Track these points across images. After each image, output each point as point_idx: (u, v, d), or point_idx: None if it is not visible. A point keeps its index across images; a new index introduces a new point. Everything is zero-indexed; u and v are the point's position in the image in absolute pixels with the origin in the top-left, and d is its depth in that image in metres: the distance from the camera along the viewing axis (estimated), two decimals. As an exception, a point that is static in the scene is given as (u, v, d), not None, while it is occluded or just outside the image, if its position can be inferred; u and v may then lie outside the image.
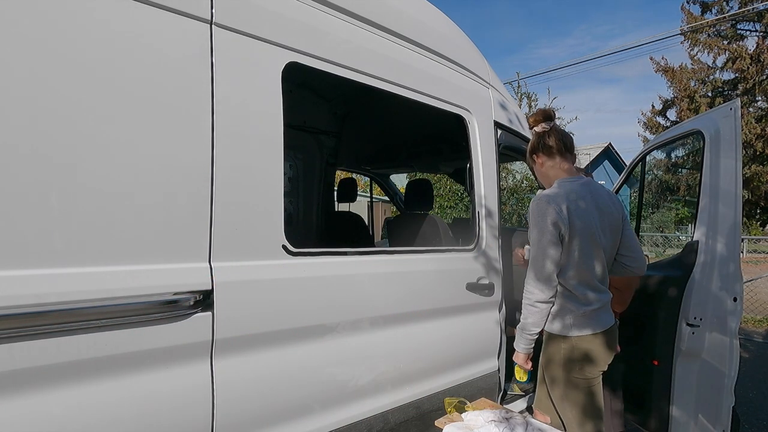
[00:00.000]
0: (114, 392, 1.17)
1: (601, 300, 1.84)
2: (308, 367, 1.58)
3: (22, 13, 1.05)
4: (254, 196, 1.45)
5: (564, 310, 1.84)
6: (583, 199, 1.82)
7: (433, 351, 2.07)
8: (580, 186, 1.87)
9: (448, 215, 11.50)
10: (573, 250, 1.78)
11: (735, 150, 2.09)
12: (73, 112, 1.11)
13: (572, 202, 1.79)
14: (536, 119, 2.01)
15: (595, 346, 1.82)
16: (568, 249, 1.78)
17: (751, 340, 6.09)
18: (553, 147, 1.95)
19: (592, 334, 1.82)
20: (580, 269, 1.80)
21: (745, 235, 18.73)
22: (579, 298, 1.81)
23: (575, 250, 1.78)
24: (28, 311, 1.04)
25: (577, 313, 1.81)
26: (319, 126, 3.82)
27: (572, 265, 1.79)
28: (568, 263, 1.79)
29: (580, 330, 1.81)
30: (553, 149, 1.95)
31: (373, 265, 1.86)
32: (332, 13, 1.70)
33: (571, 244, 1.78)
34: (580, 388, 1.86)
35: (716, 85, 18.47)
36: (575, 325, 1.82)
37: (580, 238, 1.78)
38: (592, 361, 1.82)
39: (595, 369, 1.85)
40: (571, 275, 1.80)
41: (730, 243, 2.06)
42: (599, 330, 1.83)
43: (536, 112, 2.05)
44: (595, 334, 1.82)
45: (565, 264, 1.80)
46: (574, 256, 1.79)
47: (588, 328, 1.81)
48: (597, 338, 1.82)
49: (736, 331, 2.05)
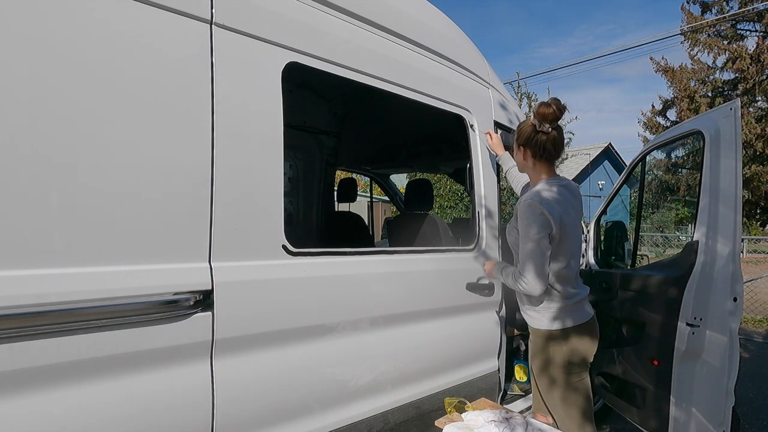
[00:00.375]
0: (114, 392, 1.17)
1: (581, 294, 1.94)
2: (308, 367, 1.58)
3: (23, 13, 1.05)
4: (254, 196, 1.45)
5: (548, 305, 1.90)
6: (567, 201, 1.89)
7: (433, 351, 2.07)
8: (564, 188, 1.92)
9: (448, 215, 11.51)
10: (559, 248, 1.84)
11: (735, 150, 2.09)
12: (73, 112, 1.11)
13: (560, 204, 1.85)
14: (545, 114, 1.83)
15: (579, 338, 1.89)
16: (555, 248, 1.83)
17: (751, 340, 6.08)
18: (545, 151, 1.89)
19: (576, 326, 1.89)
20: (564, 267, 1.87)
21: (745, 235, 18.73)
22: (561, 293, 1.89)
23: (561, 248, 1.85)
24: (28, 311, 1.04)
25: (560, 306, 1.89)
26: (319, 126, 3.82)
27: (557, 262, 1.85)
28: (554, 262, 1.84)
29: (563, 323, 1.88)
30: (544, 153, 1.90)
31: (373, 265, 1.86)
32: (332, 13, 1.70)
33: (559, 243, 1.83)
34: (569, 383, 1.90)
35: (716, 85, 18.46)
36: (559, 318, 1.88)
37: (567, 238, 1.85)
38: (579, 352, 1.90)
39: (583, 361, 1.92)
40: (555, 272, 1.86)
41: (730, 243, 2.06)
42: (581, 322, 1.91)
43: (548, 104, 1.85)
44: (580, 326, 1.90)
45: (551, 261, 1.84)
46: (559, 254, 1.85)
47: (570, 320, 1.89)
48: (580, 330, 1.90)
49: (736, 332, 2.04)
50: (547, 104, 1.85)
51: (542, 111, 1.85)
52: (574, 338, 1.89)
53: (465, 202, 11.50)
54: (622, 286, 2.61)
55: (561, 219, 1.81)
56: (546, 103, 1.86)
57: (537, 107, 1.88)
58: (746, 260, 15.06)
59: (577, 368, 1.91)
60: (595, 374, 2.77)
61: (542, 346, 1.94)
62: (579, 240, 1.97)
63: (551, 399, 1.94)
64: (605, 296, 2.69)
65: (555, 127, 1.88)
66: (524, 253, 1.82)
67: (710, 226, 2.13)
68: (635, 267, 3.07)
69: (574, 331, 1.89)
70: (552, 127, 1.86)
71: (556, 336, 1.89)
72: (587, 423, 1.93)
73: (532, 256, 1.79)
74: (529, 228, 1.80)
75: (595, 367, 2.77)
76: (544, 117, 1.85)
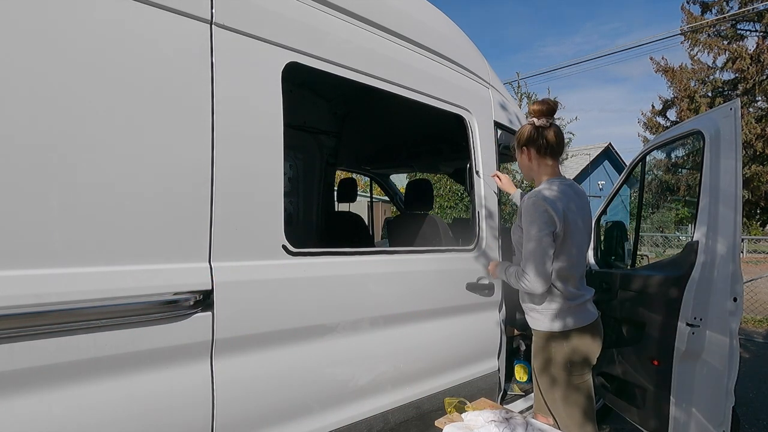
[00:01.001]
0: (114, 392, 1.17)
1: (584, 295, 1.93)
2: (308, 367, 1.58)
3: (23, 13, 1.05)
4: (254, 196, 1.45)
5: (549, 305, 1.89)
6: (572, 200, 1.88)
7: (433, 351, 2.07)
8: (568, 187, 1.92)
9: (448, 215, 11.50)
10: (563, 248, 1.83)
11: (735, 150, 2.09)
12: (73, 111, 1.11)
13: (565, 204, 1.84)
14: (540, 110, 1.92)
15: (582, 339, 1.88)
16: (559, 247, 1.83)
17: (752, 340, 6.08)
18: (547, 146, 1.91)
19: (580, 327, 1.88)
20: (567, 267, 1.86)
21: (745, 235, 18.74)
22: (563, 293, 1.87)
23: (565, 248, 1.84)
24: (28, 311, 1.04)
25: (561, 307, 1.87)
26: (319, 126, 3.82)
27: (561, 262, 1.84)
28: (556, 261, 1.84)
29: (565, 324, 1.87)
30: (547, 148, 1.91)
31: (373, 265, 1.86)
32: (332, 13, 1.70)
33: (562, 243, 1.83)
34: (571, 383, 1.89)
35: (716, 85, 18.45)
36: (560, 319, 1.87)
37: (571, 238, 1.84)
38: (582, 354, 1.89)
39: (585, 362, 1.91)
40: (558, 270, 1.85)
41: (730, 243, 2.06)
42: (585, 323, 1.90)
43: (541, 101, 1.95)
44: (582, 328, 1.89)
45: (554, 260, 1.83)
46: (563, 254, 1.84)
47: (572, 321, 1.88)
48: (583, 331, 1.89)
49: (736, 332, 2.04)
50: (540, 101, 1.95)
51: (537, 108, 1.94)
52: (576, 338, 1.88)
53: (465, 202, 11.50)
54: (622, 286, 2.61)
55: (565, 216, 1.80)
56: (539, 101, 1.96)
57: (531, 106, 1.97)
58: (746, 260, 15.07)
59: (579, 368, 1.90)
60: (595, 374, 2.77)
61: (543, 346, 1.93)
62: (584, 241, 1.94)
63: (552, 399, 1.94)
64: (605, 296, 2.69)
65: (552, 122, 1.93)
66: (527, 251, 1.81)
67: (710, 226, 2.13)
68: (635, 267, 3.07)
69: (576, 332, 1.88)
70: (550, 121, 1.92)
71: (557, 336, 1.88)
72: (588, 423, 1.92)
73: (535, 254, 1.78)
74: (532, 225, 1.80)
75: (595, 367, 2.77)
76: (540, 112, 1.92)
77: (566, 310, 1.87)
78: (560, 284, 1.86)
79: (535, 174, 1.99)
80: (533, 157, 1.95)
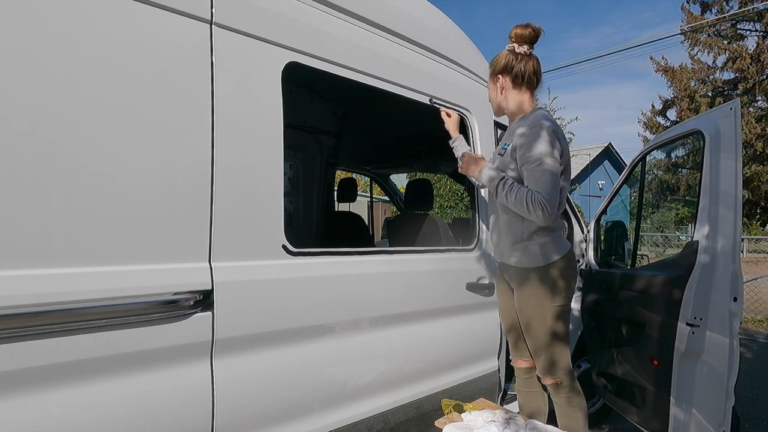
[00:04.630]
0: (114, 392, 1.17)
1: (564, 226, 1.98)
2: (308, 367, 1.59)
3: (23, 13, 1.05)
4: (254, 196, 1.45)
5: (551, 237, 1.87)
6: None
7: (433, 351, 2.07)
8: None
9: (448, 215, 11.51)
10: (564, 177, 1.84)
11: (735, 150, 2.09)
12: (73, 111, 1.11)
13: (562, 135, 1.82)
14: (522, 34, 1.75)
15: (571, 261, 1.92)
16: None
17: (753, 340, 6.08)
18: (525, 77, 1.76)
19: (567, 251, 1.90)
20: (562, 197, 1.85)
21: (745, 235, 18.74)
22: (559, 223, 1.91)
23: (564, 176, 1.83)
24: (28, 311, 1.04)
25: (558, 237, 1.89)
26: (319, 126, 3.82)
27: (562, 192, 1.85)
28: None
29: (561, 252, 1.88)
30: (525, 80, 1.78)
31: (373, 265, 1.86)
32: (332, 13, 1.70)
33: (564, 172, 1.82)
34: (562, 317, 1.90)
35: (716, 85, 18.44)
36: (559, 249, 1.88)
37: (567, 166, 1.84)
38: (568, 280, 1.90)
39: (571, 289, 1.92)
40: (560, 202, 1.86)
41: (731, 243, 2.06)
42: (566, 251, 1.91)
43: (525, 25, 1.77)
44: (564, 256, 1.89)
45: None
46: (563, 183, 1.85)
47: (565, 247, 1.90)
48: (570, 254, 1.92)
49: (736, 331, 2.04)
50: (524, 25, 1.79)
51: (519, 32, 1.78)
52: (568, 261, 1.90)
53: (465, 202, 11.50)
54: (622, 286, 2.61)
55: (564, 149, 1.79)
56: (522, 25, 1.80)
57: (513, 29, 1.81)
58: (746, 260, 15.06)
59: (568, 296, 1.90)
60: (595, 374, 2.77)
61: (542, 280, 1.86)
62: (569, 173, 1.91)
63: (551, 332, 1.89)
64: (605, 296, 2.69)
65: (531, 52, 1.81)
66: (544, 178, 1.65)
67: (710, 226, 2.12)
68: (635, 267, 3.07)
69: (567, 256, 1.90)
70: (530, 50, 1.80)
71: (558, 264, 1.86)
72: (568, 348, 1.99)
73: (554, 183, 1.65)
74: (547, 152, 1.67)
75: (596, 367, 2.77)
76: (522, 38, 1.78)
77: (559, 238, 1.89)
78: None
79: (511, 105, 1.86)
80: (508, 87, 1.82)
